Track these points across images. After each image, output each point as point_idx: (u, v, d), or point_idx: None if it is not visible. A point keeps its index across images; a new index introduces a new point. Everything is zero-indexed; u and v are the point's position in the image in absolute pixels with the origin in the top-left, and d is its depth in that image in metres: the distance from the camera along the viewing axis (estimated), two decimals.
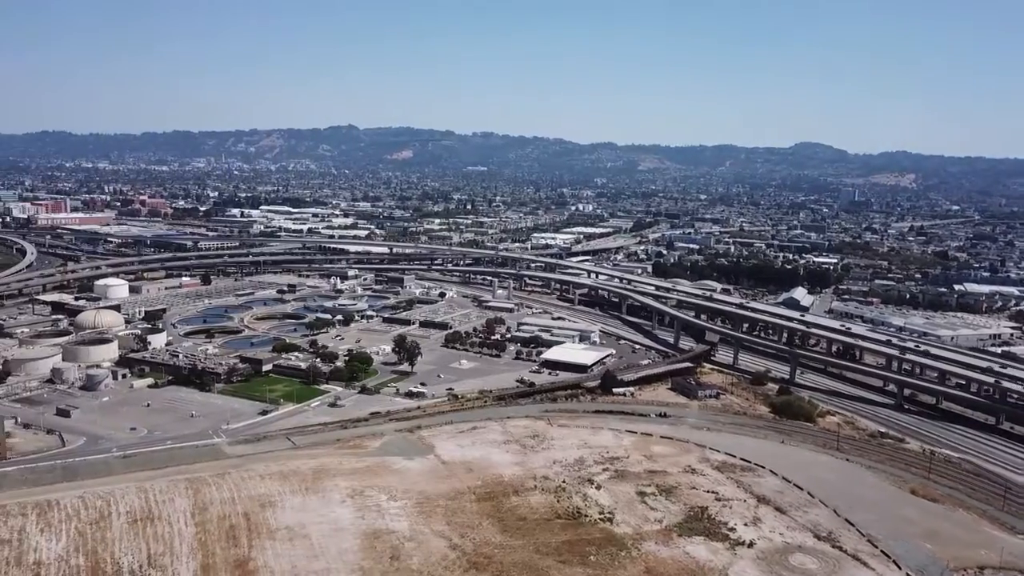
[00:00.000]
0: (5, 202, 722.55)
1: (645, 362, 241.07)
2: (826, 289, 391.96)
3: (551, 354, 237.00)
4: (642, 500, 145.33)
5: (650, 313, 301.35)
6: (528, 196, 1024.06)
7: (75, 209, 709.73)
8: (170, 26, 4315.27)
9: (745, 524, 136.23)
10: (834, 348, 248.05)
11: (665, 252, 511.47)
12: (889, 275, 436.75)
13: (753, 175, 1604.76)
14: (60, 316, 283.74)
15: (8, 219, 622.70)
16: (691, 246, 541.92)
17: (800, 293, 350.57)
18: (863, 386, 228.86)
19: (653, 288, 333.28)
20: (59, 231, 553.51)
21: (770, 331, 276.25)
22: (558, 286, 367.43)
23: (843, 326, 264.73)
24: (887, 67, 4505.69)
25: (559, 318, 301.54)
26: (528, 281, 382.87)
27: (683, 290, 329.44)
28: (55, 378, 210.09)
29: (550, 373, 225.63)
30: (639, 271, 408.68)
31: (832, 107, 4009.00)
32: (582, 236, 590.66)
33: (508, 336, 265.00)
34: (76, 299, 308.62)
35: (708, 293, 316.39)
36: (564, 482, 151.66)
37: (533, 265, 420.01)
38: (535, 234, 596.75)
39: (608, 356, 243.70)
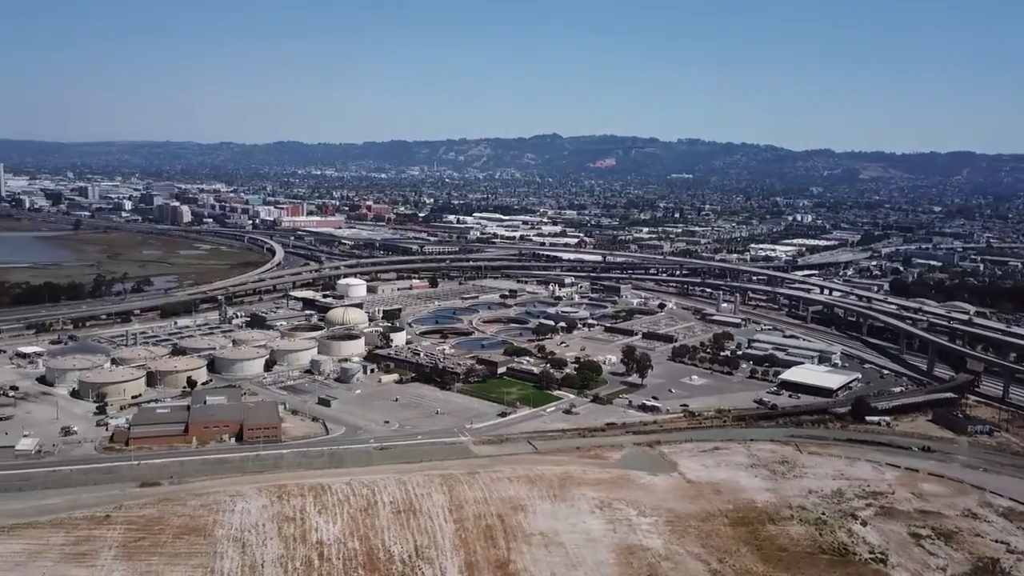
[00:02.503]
0: (253, 205, 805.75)
1: (898, 389, 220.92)
2: None
3: (790, 375, 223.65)
4: (917, 543, 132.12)
5: (895, 335, 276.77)
6: (738, 205, 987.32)
7: (310, 213, 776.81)
8: (390, 44, 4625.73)
9: None
10: None
11: (902, 269, 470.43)
12: None
13: (997, 185, 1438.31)
14: (311, 312, 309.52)
15: (257, 221, 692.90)
16: (931, 263, 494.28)
17: None
18: None
19: (896, 308, 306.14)
20: (299, 232, 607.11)
21: None
22: (786, 301, 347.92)
23: None
24: None
25: (792, 336, 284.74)
26: (751, 295, 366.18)
27: (931, 311, 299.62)
28: (313, 369, 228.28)
29: (790, 395, 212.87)
30: (875, 288, 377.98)
31: None
32: (804, 248, 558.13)
33: (739, 353, 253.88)
34: (324, 296, 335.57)
35: (966, 316, 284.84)
36: (824, 514, 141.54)
37: (755, 278, 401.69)
38: (752, 245, 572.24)
39: (854, 380, 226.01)
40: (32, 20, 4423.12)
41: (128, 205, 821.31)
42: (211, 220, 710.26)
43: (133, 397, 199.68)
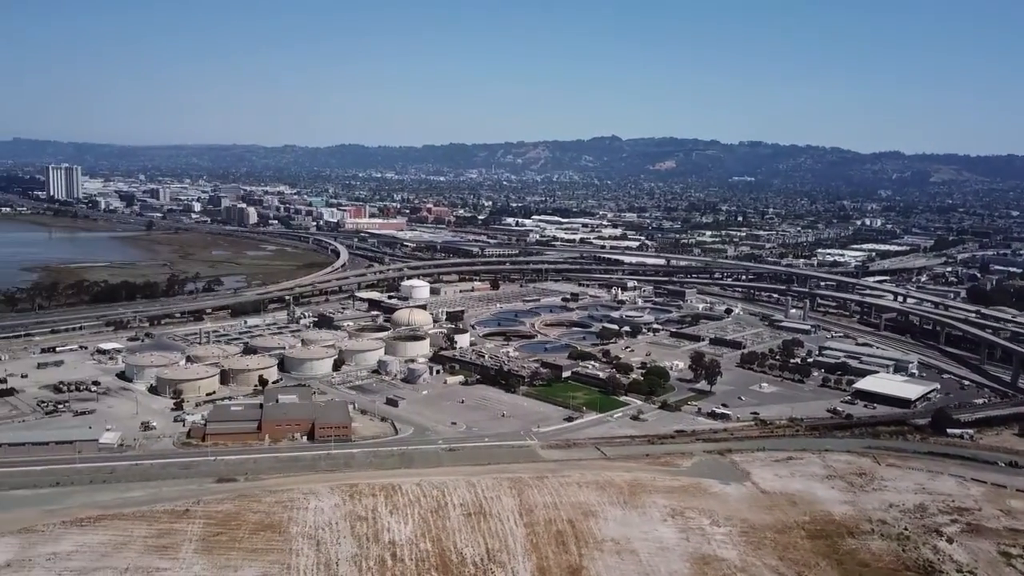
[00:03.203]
0: (317, 208, 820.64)
1: (979, 401, 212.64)
2: None
3: (865, 384, 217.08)
4: (1008, 562, 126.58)
5: (974, 344, 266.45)
6: (803, 208, 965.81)
7: (372, 215, 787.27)
8: (449, 48, 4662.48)
9: None
10: None
11: (980, 275, 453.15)
12: None
13: None
14: (376, 312, 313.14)
15: (321, 223, 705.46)
16: (1011, 269, 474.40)
17: None
18: None
19: (975, 315, 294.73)
20: (362, 234, 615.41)
21: None
22: (857, 308, 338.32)
23: None
24: None
25: (865, 344, 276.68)
26: (820, 301, 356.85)
27: (1014, 320, 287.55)
28: (380, 369, 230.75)
29: (865, 405, 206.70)
30: (951, 295, 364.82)
31: None
32: (874, 253, 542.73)
33: (810, 360, 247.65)
34: (389, 297, 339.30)
35: None
36: (906, 529, 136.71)
37: (823, 283, 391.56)
38: (819, 249, 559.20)
39: (932, 391, 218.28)
40: (109, 30, 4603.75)
41: (197, 207, 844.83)
42: (276, 222, 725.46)
43: (207, 394, 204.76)
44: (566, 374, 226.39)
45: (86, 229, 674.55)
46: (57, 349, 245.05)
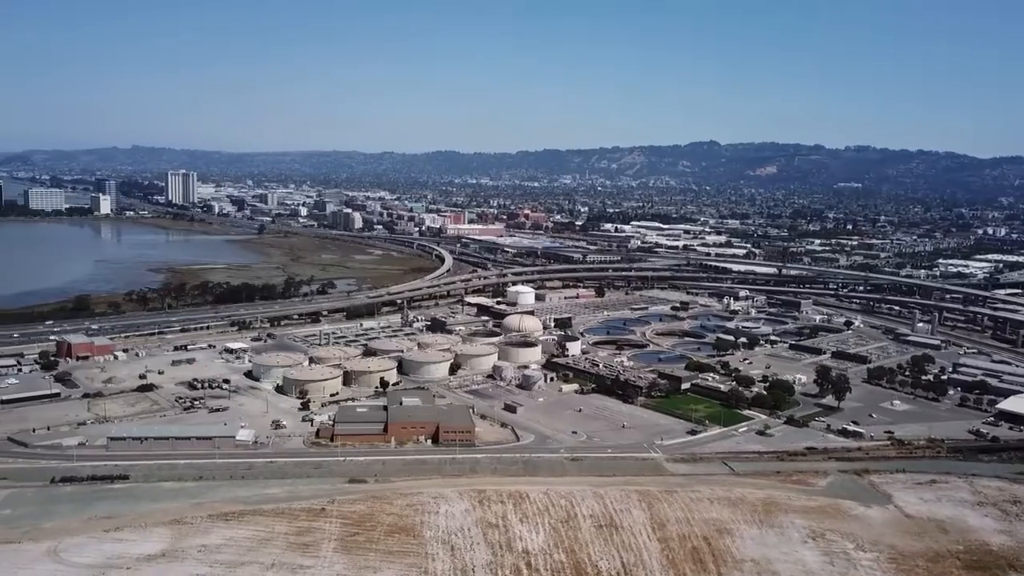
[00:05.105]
0: (418, 213, 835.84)
1: None
2: None
3: (1010, 404, 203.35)
4: None
5: None
6: (917, 216, 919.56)
7: (471, 221, 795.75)
8: (545, 56, 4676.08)
9: None
10: None
11: None
12: None
13: None
14: (486, 317, 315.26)
15: (423, 228, 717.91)
16: None
17: None
18: None
19: None
20: (464, 240, 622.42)
21: None
22: (990, 323, 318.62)
23: None
24: None
25: (1002, 361, 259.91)
26: (946, 314, 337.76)
27: None
28: (495, 375, 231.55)
29: (1011, 427, 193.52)
30: None
31: None
32: (1001, 264, 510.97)
33: (944, 377, 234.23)
34: (497, 303, 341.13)
35: None
36: None
37: (949, 296, 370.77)
38: (939, 260, 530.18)
39: None
40: (218, 45, 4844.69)
41: (303, 211, 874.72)
42: (380, 227, 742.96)
43: (331, 395, 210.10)
44: (685, 386, 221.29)
45: (202, 232, 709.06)
46: (188, 347, 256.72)
